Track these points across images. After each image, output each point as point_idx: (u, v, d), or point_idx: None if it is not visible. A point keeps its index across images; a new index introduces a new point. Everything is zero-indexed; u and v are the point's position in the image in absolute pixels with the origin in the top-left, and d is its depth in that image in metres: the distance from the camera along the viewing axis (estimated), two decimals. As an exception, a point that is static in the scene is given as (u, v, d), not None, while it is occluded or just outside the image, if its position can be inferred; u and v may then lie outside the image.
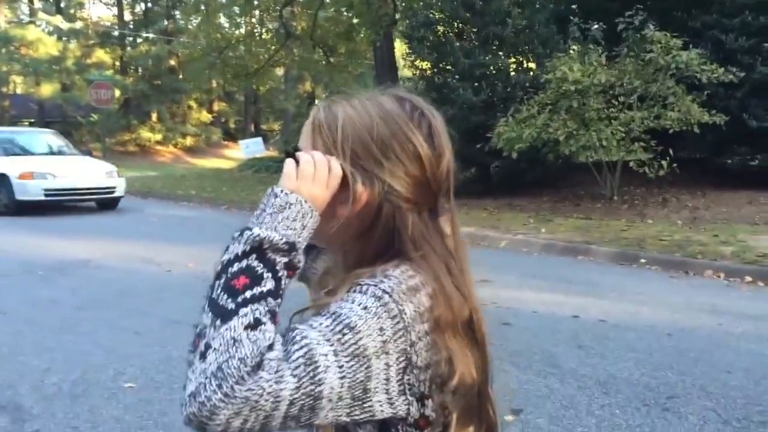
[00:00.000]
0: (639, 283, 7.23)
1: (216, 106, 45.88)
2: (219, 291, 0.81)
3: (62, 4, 40.62)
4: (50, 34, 37.01)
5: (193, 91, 39.43)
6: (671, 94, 11.43)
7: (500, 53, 14.35)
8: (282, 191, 0.89)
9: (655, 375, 4.22)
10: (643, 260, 8.14)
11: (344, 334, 0.83)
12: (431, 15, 15.17)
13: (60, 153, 14.48)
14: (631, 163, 11.85)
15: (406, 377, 0.88)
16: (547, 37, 13.91)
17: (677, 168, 11.26)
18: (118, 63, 40.82)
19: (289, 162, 0.94)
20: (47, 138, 15.34)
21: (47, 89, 37.76)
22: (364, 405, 0.86)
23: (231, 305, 0.80)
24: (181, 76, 38.85)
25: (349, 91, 1.04)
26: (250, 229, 0.85)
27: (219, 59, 26.99)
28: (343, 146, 0.97)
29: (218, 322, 0.78)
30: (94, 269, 7.52)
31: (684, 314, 5.81)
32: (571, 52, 12.63)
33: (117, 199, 13.63)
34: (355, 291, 0.89)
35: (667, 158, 11.19)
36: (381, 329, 0.86)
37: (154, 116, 38.81)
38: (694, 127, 11.23)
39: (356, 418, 0.87)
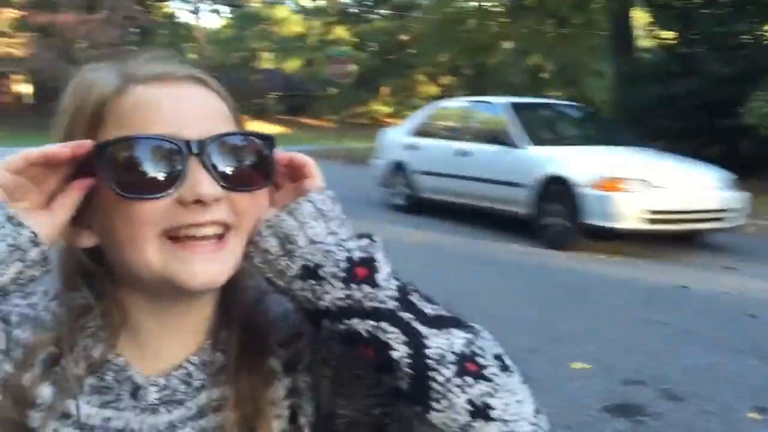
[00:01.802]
0: None
1: (444, 80, 46.58)
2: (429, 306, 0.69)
3: (308, -16, 43.44)
4: (296, 12, 39.89)
5: (422, 66, 40.36)
6: None
7: (756, 20, 12.98)
8: None
9: None
10: None
11: None
12: (678, -20, 14.07)
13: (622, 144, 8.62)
14: None
15: None
16: (820, 0, 12.31)
17: None
18: (355, 39, 42.93)
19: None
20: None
21: (291, 64, 40.83)
22: None
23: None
24: (412, 51, 39.91)
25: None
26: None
27: (450, 33, 27.30)
28: None
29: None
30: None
31: None
32: None
33: (730, 230, 7.83)
34: None
35: None
36: None
37: (385, 90, 40.42)
38: None
39: None
